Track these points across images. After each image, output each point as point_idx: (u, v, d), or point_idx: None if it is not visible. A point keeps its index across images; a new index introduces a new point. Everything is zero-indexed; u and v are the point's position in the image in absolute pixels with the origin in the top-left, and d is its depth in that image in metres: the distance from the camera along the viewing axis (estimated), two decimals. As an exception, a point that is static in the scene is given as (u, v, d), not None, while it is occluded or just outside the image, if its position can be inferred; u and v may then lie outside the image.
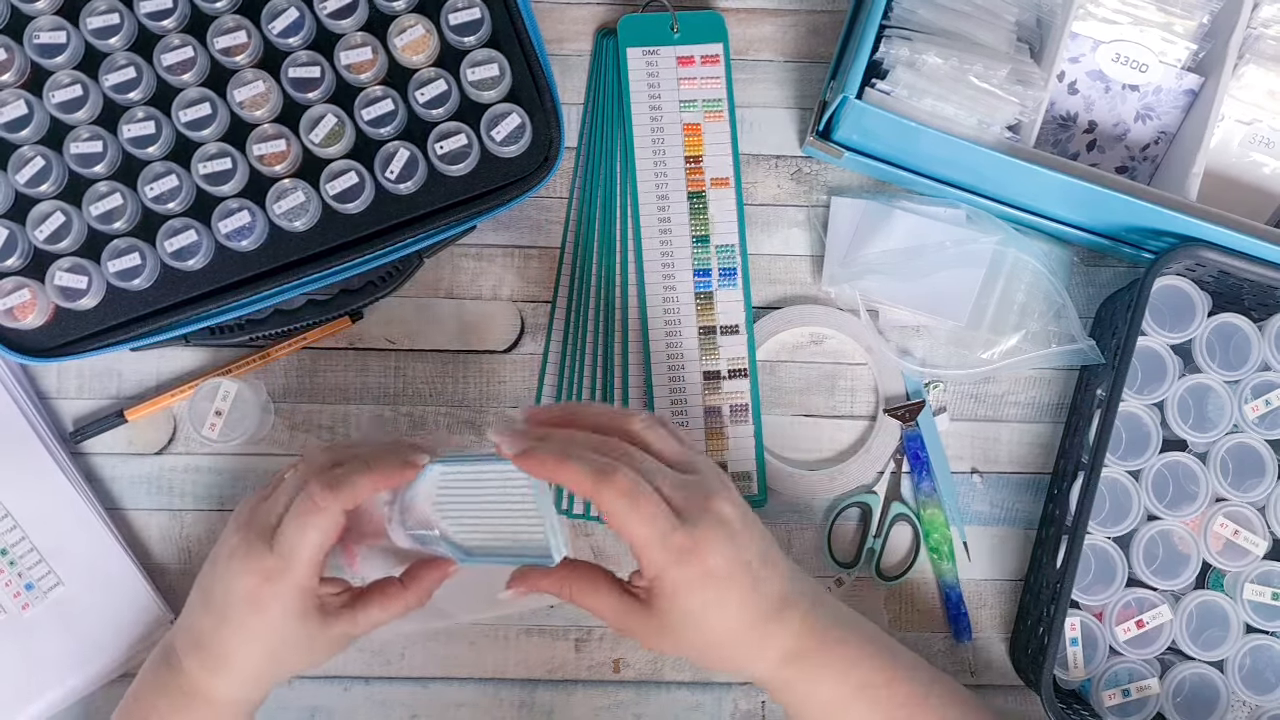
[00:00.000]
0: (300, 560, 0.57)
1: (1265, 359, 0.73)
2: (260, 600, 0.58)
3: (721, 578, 0.56)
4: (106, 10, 0.71)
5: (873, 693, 0.61)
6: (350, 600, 0.61)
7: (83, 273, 0.70)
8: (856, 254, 0.78)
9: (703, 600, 0.56)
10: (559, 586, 0.59)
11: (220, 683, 0.61)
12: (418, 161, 0.72)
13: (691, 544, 0.55)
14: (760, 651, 0.59)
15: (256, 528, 0.59)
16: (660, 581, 0.56)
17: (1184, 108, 0.76)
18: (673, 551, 0.55)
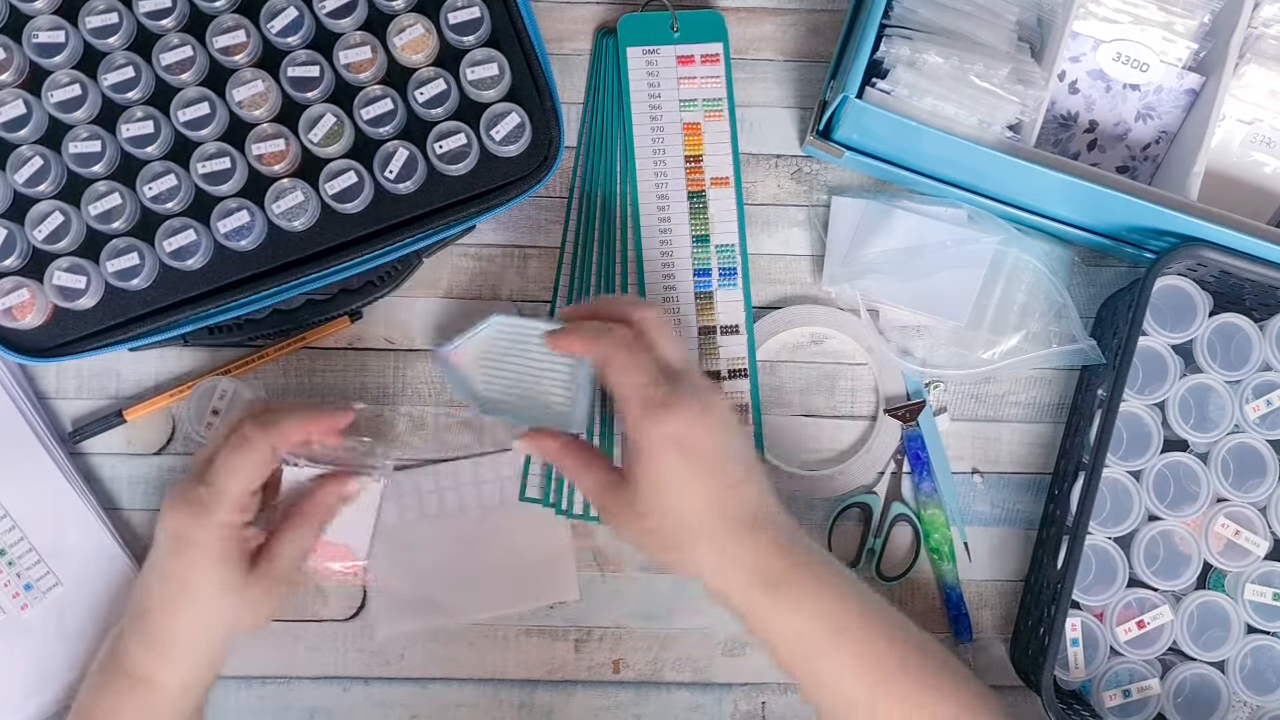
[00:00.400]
0: (227, 492, 0.58)
1: (1266, 359, 0.73)
2: (186, 538, 0.58)
3: (693, 451, 0.58)
4: (105, 10, 0.71)
5: (849, 637, 0.60)
6: (266, 542, 0.62)
7: (81, 272, 0.70)
8: (857, 254, 0.78)
9: (671, 467, 0.57)
10: (560, 454, 0.63)
11: (157, 659, 0.60)
12: (417, 161, 0.72)
13: (669, 402, 0.57)
14: (731, 560, 0.59)
15: (191, 471, 0.60)
16: (635, 441, 0.58)
17: (1185, 107, 0.76)
18: (652, 406, 0.57)
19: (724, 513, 0.59)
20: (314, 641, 0.77)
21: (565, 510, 0.77)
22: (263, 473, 0.59)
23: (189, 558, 0.58)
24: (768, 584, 0.59)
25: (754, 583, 0.59)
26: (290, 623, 0.77)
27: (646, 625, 0.77)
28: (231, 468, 0.58)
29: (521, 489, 0.77)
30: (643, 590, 0.78)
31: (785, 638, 0.60)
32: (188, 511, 0.58)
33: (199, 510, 0.58)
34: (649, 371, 0.58)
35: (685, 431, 0.57)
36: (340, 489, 0.63)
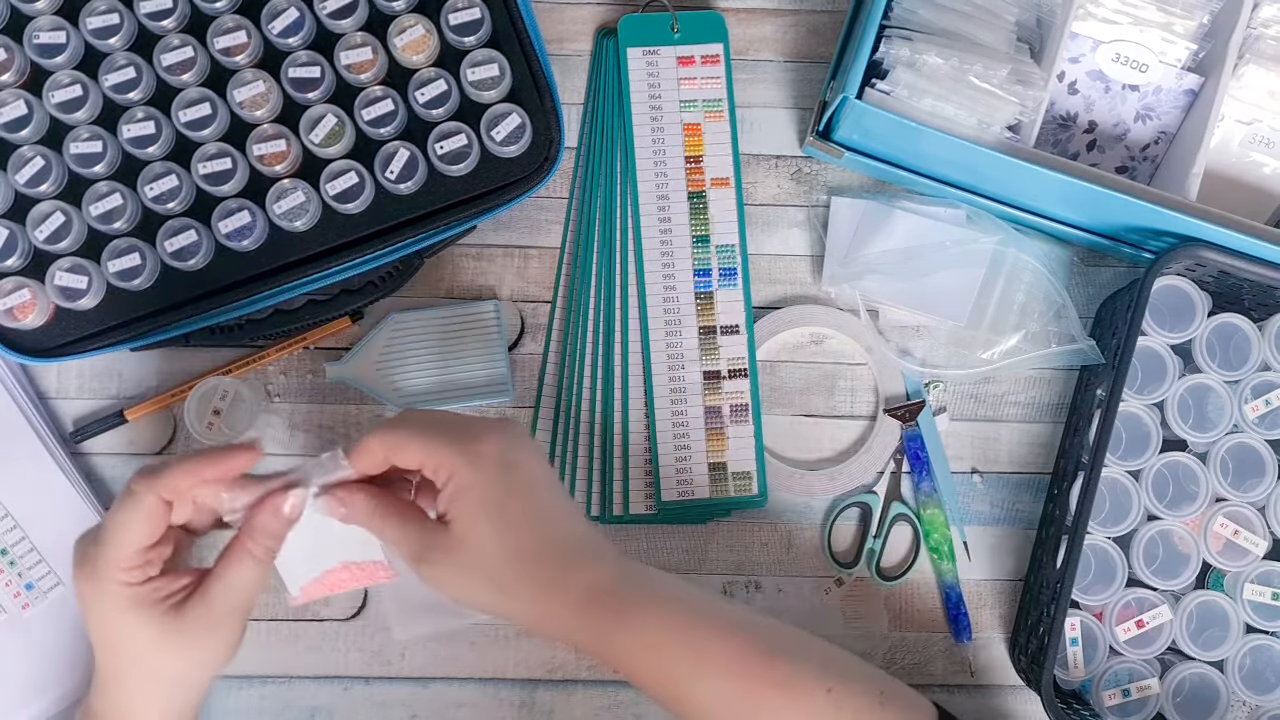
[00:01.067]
0: (116, 552, 0.53)
1: (1265, 359, 0.73)
2: (91, 604, 0.55)
3: (522, 482, 0.55)
4: (106, 10, 0.71)
5: (707, 634, 0.57)
6: (198, 581, 0.56)
7: (83, 273, 0.70)
8: (856, 254, 0.78)
9: (495, 500, 0.54)
10: (367, 510, 0.56)
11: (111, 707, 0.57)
12: (418, 161, 0.72)
13: (484, 443, 0.54)
14: (559, 584, 0.55)
15: (79, 544, 0.56)
16: (454, 488, 0.54)
17: (1184, 108, 0.76)
18: (467, 453, 0.54)
19: (561, 530, 0.56)
20: (314, 641, 0.77)
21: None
22: (152, 527, 0.54)
23: (102, 623, 0.55)
24: (605, 603, 0.56)
25: (589, 604, 0.55)
26: (290, 622, 0.77)
27: (647, 625, 0.77)
28: (118, 524, 0.54)
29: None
30: (643, 590, 0.78)
31: (637, 653, 0.57)
32: (83, 575, 0.54)
33: (92, 573, 0.54)
34: (455, 429, 0.55)
35: (510, 458, 0.55)
36: (276, 505, 0.56)
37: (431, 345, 0.77)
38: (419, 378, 0.77)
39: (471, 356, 0.77)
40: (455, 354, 0.77)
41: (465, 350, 0.77)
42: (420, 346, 0.77)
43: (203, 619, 0.55)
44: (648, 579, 0.59)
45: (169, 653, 0.55)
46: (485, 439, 0.55)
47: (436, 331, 0.77)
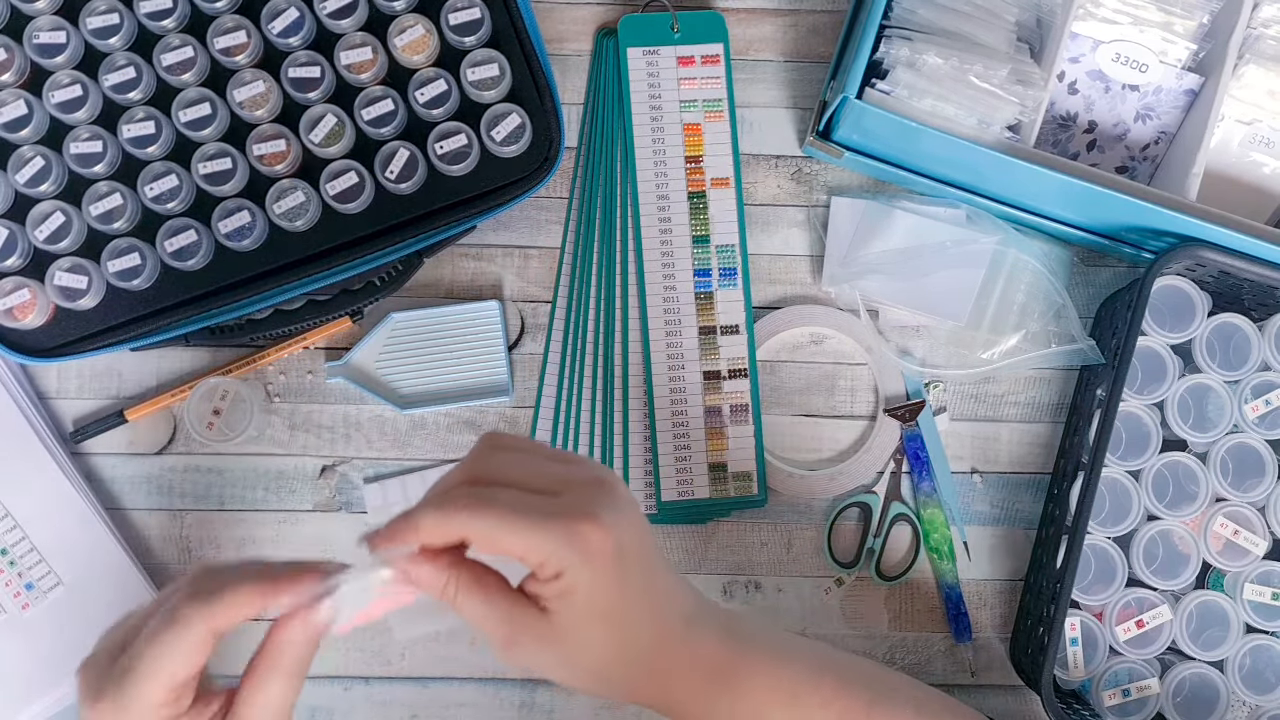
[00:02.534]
0: (149, 686, 0.45)
1: (1265, 359, 0.73)
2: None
3: (633, 567, 0.48)
4: (106, 10, 0.71)
5: (805, 703, 0.54)
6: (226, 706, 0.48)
7: (83, 273, 0.70)
8: (856, 254, 0.78)
9: (609, 601, 0.48)
10: (437, 578, 0.48)
11: None
12: (418, 161, 0.72)
13: (594, 532, 0.46)
14: (673, 669, 0.51)
15: (99, 656, 0.47)
16: (563, 587, 0.47)
17: (1184, 108, 0.76)
18: (576, 547, 0.46)
19: (675, 614, 0.51)
20: (315, 641, 0.77)
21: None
22: (199, 659, 0.45)
23: None
24: (713, 679, 0.52)
25: (701, 682, 0.51)
26: (291, 622, 0.77)
27: (647, 625, 0.77)
28: (158, 655, 0.45)
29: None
30: (643, 590, 0.78)
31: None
32: (100, 711, 0.45)
33: (113, 710, 0.45)
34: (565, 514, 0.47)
35: (627, 551, 0.48)
36: (305, 622, 0.46)
37: (431, 345, 0.77)
38: (419, 378, 0.77)
39: (471, 356, 0.77)
40: (455, 354, 0.77)
41: (465, 350, 0.77)
42: (420, 346, 0.77)
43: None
44: (750, 639, 0.54)
45: None
46: (595, 526, 0.47)
47: (436, 331, 0.77)
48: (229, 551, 0.77)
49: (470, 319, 0.77)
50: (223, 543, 0.77)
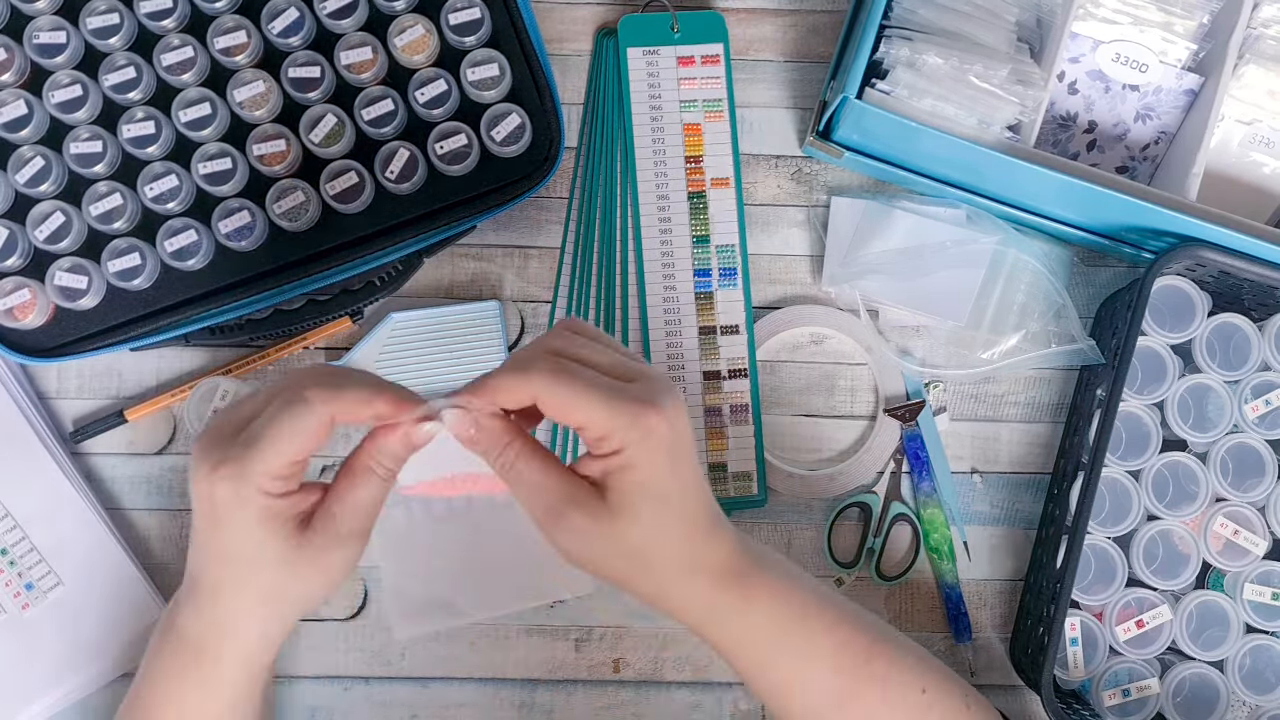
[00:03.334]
0: (271, 459, 0.48)
1: (1265, 359, 0.73)
2: (221, 508, 0.49)
3: (682, 458, 0.52)
4: (106, 10, 0.71)
5: (815, 624, 0.56)
6: (321, 499, 0.53)
7: (83, 273, 0.70)
8: (856, 254, 0.78)
9: (660, 481, 0.51)
10: (501, 442, 0.52)
11: (213, 632, 0.54)
12: (418, 161, 0.72)
13: (654, 417, 0.50)
14: (698, 564, 0.54)
15: (222, 427, 0.50)
16: (621, 463, 0.50)
17: (1184, 108, 0.76)
18: (640, 428, 0.49)
19: (701, 514, 0.54)
20: (314, 641, 0.77)
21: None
22: (316, 442, 0.50)
23: (231, 532, 0.50)
24: (730, 583, 0.54)
25: (719, 583, 0.54)
26: (291, 622, 0.77)
27: (646, 625, 0.78)
28: (281, 431, 0.48)
29: (522, 489, 0.77)
30: (643, 590, 0.78)
31: (750, 637, 0.55)
32: (225, 476, 0.48)
33: (235, 475, 0.48)
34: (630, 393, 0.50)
35: (678, 442, 0.51)
36: (409, 437, 0.52)
37: (431, 345, 0.77)
38: (419, 378, 0.77)
39: (471, 356, 0.77)
40: (455, 354, 0.77)
41: (465, 350, 0.77)
42: (420, 346, 0.77)
43: (329, 539, 0.52)
44: (762, 558, 0.56)
45: (290, 572, 0.52)
46: (656, 411, 0.50)
47: (436, 331, 0.77)
48: (229, 551, 0.77)
49: (470, 319, 0.77)
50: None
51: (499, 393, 0.51)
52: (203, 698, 0.55)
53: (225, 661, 0.54)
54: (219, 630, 0.54)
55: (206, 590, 0.53)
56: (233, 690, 0.55)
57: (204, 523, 0.51)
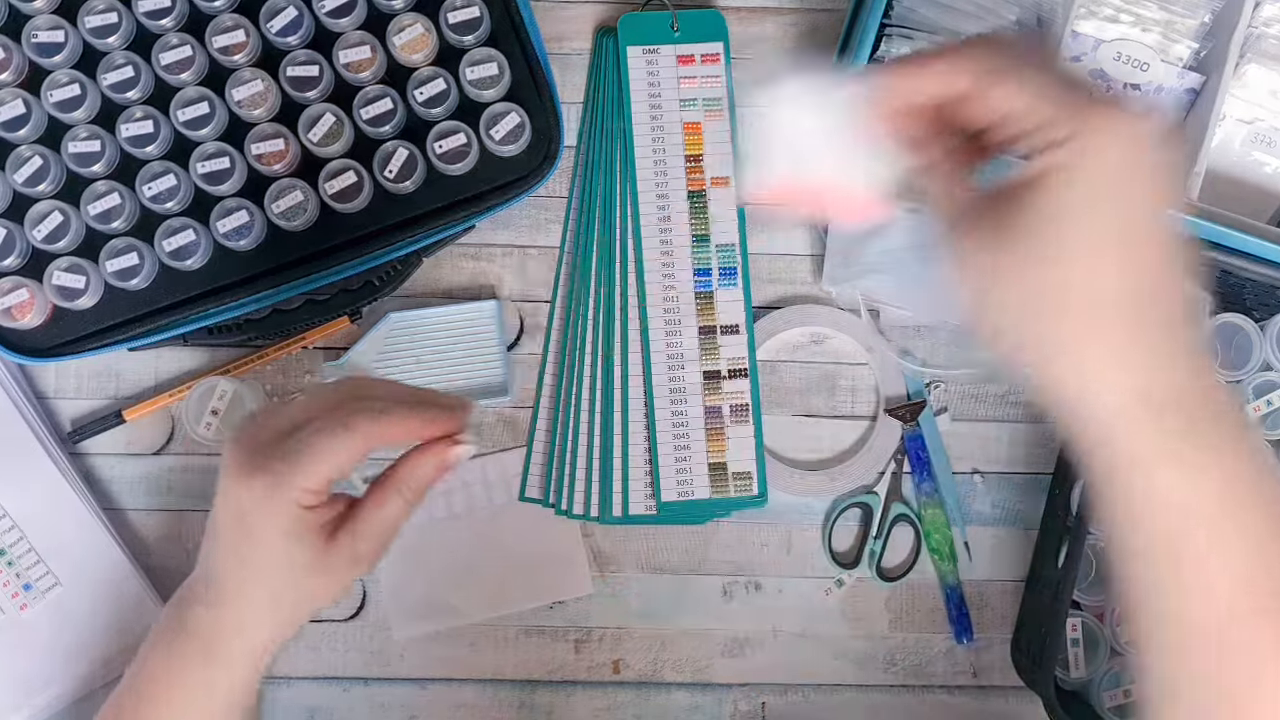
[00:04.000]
0: (310, 477, 0.49)
1: (1267, 359, 0.72)
2: (252, 515, 0.50)
3: (1137, 180, 0.38)
4: (104, 9, 0.71)
5: (1244, 520, 0.40)
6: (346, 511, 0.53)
7: (81, 272, 0.70)
8: (857, 253, 0.77)
9: (1106, 196, 0.38)
10: (925, 128, 0.41)
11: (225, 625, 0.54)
12: (417, 160, 0.72)
13: (1126, 119, 0.37)
14: (1129, 364, 0.39)
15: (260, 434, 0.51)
16: (1075, 146, 0.38)
17: (1185, 107, 0.76)
18: (1098, 114, 0.37)
19: (1140, 291, 0.39)
20: (313, 641, 0.77)
21: (565, 510, 0.77)
22: (353, 464, 0.51)
23: (256, 538, 0.51)
24: (1169, 412, 0.39)
25: (1156, 407, 0.39)
26: (290, 623, 0.76)
27: (646, 625, 0.77)
28: (324, 452, 0.49)
29: (521, 489, 0.77)
30: (643, 590, 0.78)
31: (1164, 501, 0.40)
32: (262, 487, 0.49)
33: (270, 485, 0.49)
34: (1058, 75, 0.39)
35: (1135, 146, 0.38)
36: (441, 459, 0.52)
37: (430, 345, 0.77)
38: (418, 378, 0.77)
39: (471, 356, 0.77)
40: (454, 354, 0.77)
41: (464, 350, 0.77)
42: (419, 346, 0.77)
43: (349, 551, 0.52)
44: (1216, 392, 0.40)
45: (310, 580, 0.52)
46: (1130, 116, 0.38)
47: (435, 331, 0.77)
48: (227, 552, 0.77)
49: (469, 319, 0.77)
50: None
51: (925, 79, 0.40)
52: (206, 696, 0.55)
53: (233, 662, 0.54)
54: (232, 631, 0.54)
55: (225, 591, 0.53)
56: (234, 692, 0.55)
57: (231, 526, 0.52)
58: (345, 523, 0.53)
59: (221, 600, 0.53)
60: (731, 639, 0.78)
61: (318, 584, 0.53)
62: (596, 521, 0.77)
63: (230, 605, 0.53)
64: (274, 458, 0.50)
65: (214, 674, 0.54)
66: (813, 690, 0.77)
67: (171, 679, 0.55)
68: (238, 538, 0.52)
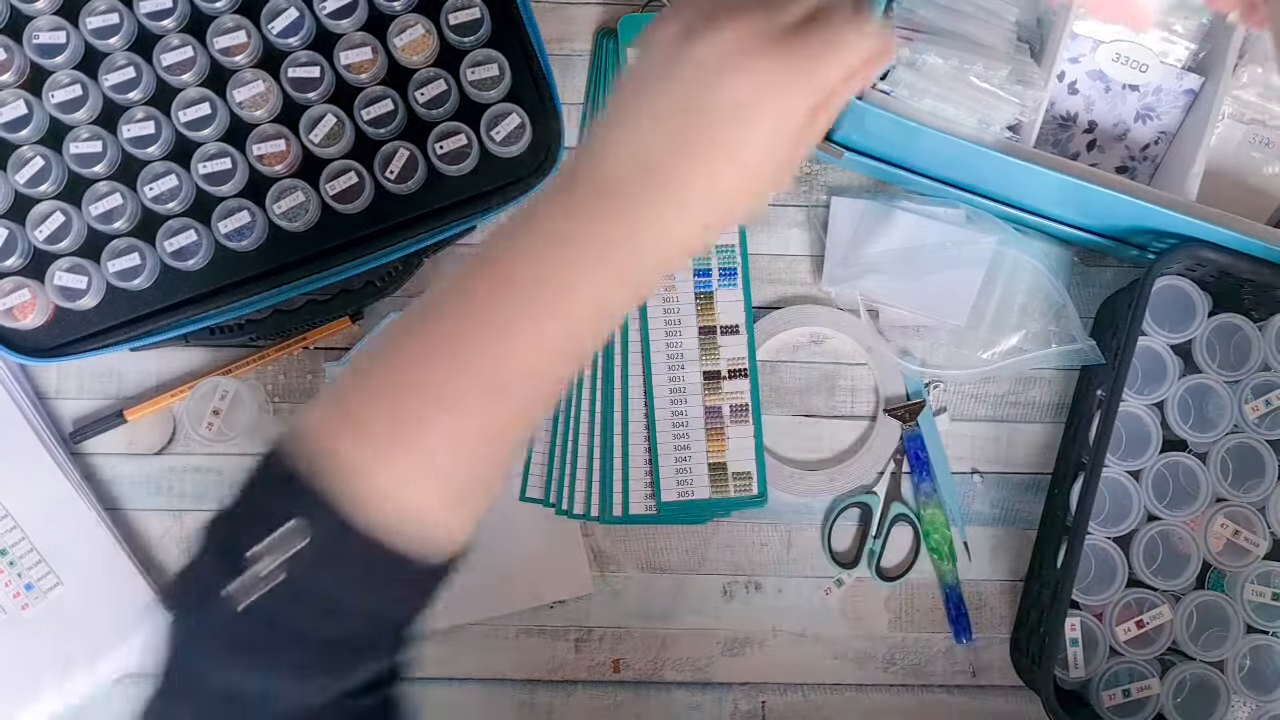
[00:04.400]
0: (826, 75, 0.43)
1: (1265, 359, 0.73)
2: (752, 97, 0.42)
3: None
4: (106, 10, 0.71)
5: None
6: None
7: (82, 273, 0.70)
8: (857, 254, 0.78)
9: None
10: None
11: (652, 218, 0.44)
12: (417, 161, 0.72)
13: None
14: None
15: (772, 13, 0.43)
16: None
17: (1184, 107, 0.76)
18: None
19: None
20: (314, 641, 0.77)
21: (565, 510, 0.77)
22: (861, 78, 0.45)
23: (747, 131, 0.43)
24: None
25: None
26: (291, 622, 0.77)
27: (646, 625, 0.77)
28: (849, 47, 0.43)
29: (521, 489, 0.77)
30: (643, 590, 0.78)
31: None
32: (769, 72, 0.42)
33: (789, 76, 0.42)
34: None
35: None
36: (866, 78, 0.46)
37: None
38: None
39: None
40: None
41: None
42: None
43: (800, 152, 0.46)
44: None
45: (766, 174, 0.45)
46: None
47: None
48: (229, 552, 0.77)
49: None
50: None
51: None
52: (622, 297, 0.46)
53: (645, 270, 0.45)
54: (657, 231, 0.45)
55: (668, 185, 0.44)
56: (639, 297, 0.46)
57: (731, 119, 0.43)
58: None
59: (663, 197, 0.44)
60: (731, 638, 0.78)
61: (757, 196, 0.46)
62: (597, 521, 0.77)
63: (672, 204, 0.44)
64: (794, 46, 0.43)
65: (628, 266, 0.45)
66: (812, 689, 0.78)
67: (585, 253, 0.44)
68: (733, 129, 0.43)
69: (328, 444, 0.42)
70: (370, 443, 0.42)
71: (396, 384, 0.44)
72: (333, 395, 0.45)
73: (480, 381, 0.43)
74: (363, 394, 0.44)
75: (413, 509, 0.42)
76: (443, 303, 0.46)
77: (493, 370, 0.44)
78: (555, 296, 0.44)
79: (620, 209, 0.44)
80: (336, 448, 0.42)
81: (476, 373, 0.44)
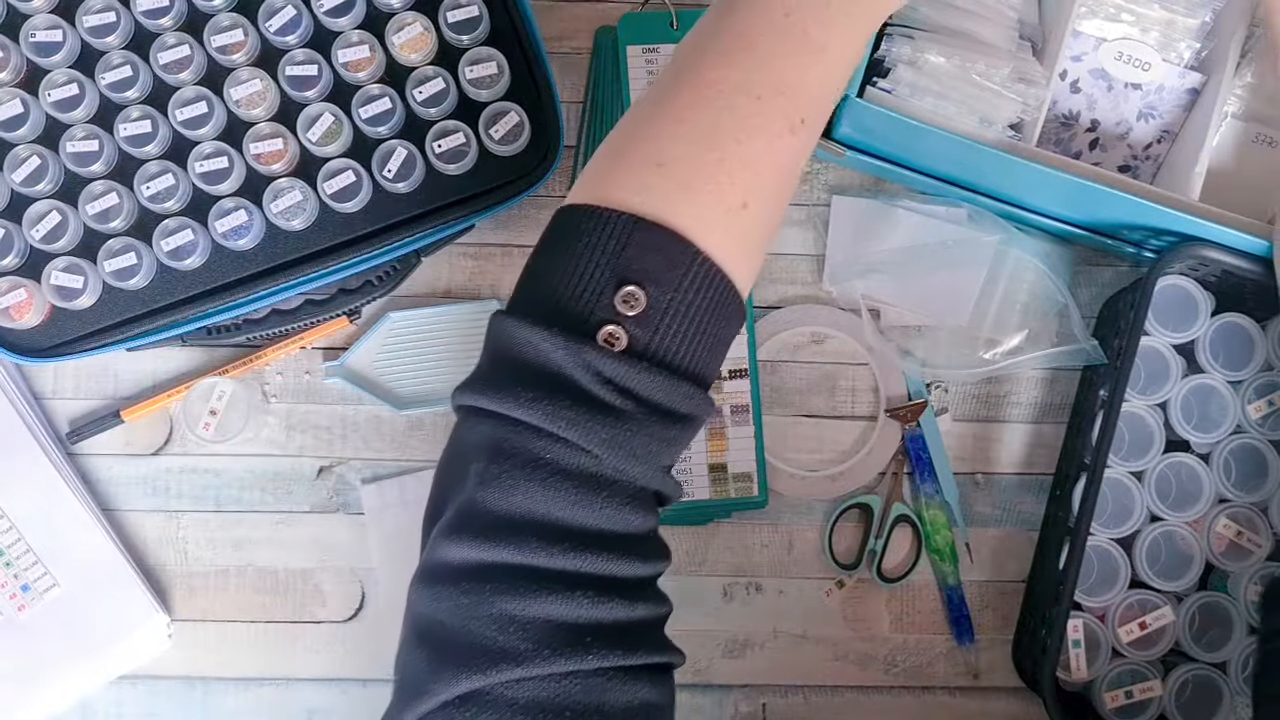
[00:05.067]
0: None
1: (1269, 359, 0.72)
2: None
3: None
4: (103, 9, 0.71)
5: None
6: None
7: (79, 272, 0.70)
8: (858, 253, 0.77)
9: None
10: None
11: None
12: (415, 160, 0.72)
13: None
14: None
15: None
16: None
17: (1186, 106, 0.76)
18: None
19: None
20: (312, 643, 0.76)
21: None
22: None
23: None
24: None
25: None
26: (289, 624, 0.76)
27: (646, 626, 0.77)
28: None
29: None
30: (642, 591, 0.77)
31: None
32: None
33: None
34: None
35: None
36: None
37: (429, 345, 0.77)
38: (417, 378, 0.76)
39: (470, 356, 0.76)
40: (453, 354, 0.77)
41: (463, 350, 0.77)
42: (418, 346, 0.77)
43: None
44: None
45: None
46: None
47: (434, 331, 0.77)
48: (225, 553, 0.76)
49: (468, 318, 0.77)
50: (219, 544, 0.77)
51: None
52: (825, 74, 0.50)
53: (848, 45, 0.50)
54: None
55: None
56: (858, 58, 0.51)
57: None
58: None
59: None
60: (732, 640, 0.77)
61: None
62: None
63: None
64: None
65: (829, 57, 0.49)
66: (813, 691, 0.77)
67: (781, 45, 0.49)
68: None
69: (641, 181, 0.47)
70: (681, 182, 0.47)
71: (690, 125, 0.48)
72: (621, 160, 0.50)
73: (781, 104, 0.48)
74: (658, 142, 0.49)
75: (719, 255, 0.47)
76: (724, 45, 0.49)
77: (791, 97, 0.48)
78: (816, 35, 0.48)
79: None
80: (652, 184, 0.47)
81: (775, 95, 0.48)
